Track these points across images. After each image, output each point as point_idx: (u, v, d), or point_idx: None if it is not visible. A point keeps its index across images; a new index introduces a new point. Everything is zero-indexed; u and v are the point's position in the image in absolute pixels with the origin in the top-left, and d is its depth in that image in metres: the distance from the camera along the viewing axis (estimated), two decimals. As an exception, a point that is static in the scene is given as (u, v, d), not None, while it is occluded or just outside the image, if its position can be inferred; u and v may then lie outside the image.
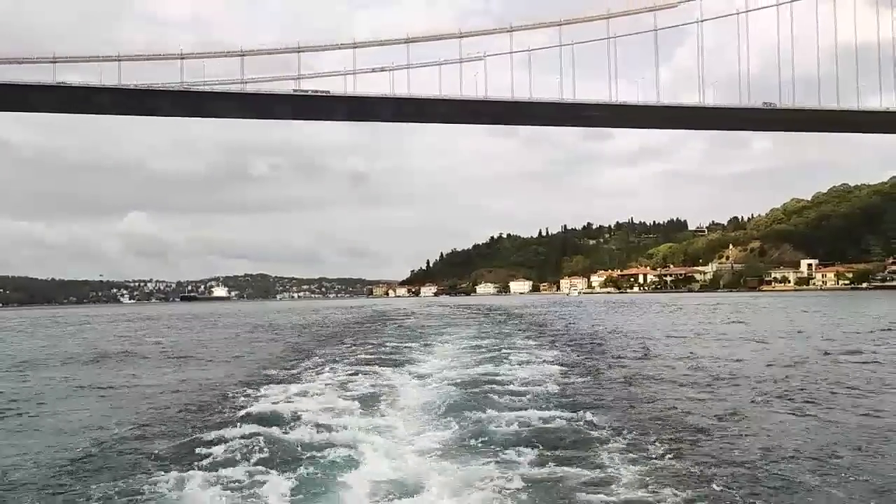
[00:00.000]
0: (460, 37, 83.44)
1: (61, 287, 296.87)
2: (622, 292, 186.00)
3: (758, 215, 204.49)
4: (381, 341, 23.24)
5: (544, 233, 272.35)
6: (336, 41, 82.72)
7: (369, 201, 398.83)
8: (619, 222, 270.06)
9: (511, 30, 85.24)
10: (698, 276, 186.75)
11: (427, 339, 23.83)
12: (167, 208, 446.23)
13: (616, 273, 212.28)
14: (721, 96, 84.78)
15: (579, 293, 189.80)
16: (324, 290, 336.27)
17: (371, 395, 11.10)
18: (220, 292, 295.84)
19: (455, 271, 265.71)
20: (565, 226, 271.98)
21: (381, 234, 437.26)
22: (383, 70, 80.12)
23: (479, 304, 77.74)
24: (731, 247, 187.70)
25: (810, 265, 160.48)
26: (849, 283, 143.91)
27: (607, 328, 30.06)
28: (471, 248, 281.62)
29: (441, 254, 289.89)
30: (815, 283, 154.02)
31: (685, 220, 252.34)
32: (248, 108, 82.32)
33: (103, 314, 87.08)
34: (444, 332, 27.12)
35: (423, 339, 23.44)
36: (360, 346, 21.62)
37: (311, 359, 17.70)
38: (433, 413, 9.69)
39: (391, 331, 29.93)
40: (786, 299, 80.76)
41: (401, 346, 21.01)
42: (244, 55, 78.58)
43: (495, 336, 24.44)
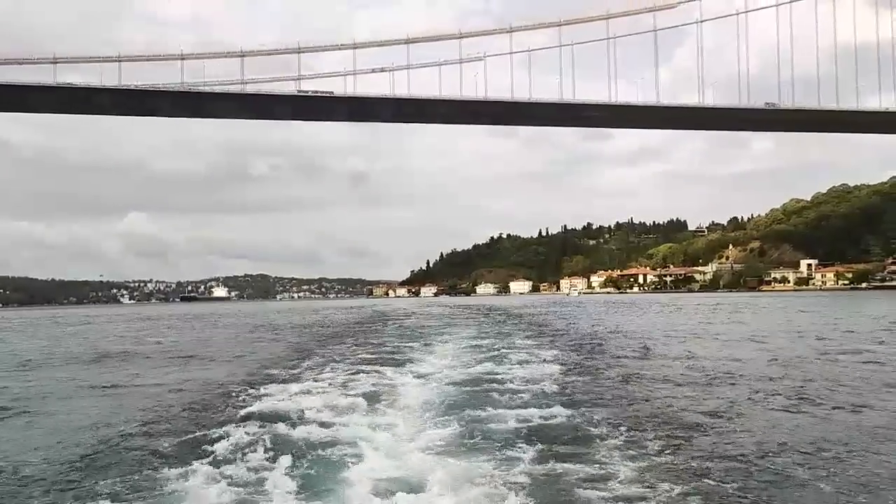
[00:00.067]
0: (460, 37, 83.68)
1: (61, 287, 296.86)
2: (622, 292, 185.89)
3: (757, 215, 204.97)
4: (382, 341, 23.33)
5: (544, 233, 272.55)
6: (336, 41, 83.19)
7: (369, 201, 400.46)
8: (619, 222, 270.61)
9: (511, 30, 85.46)
10: (698, 277, 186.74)
11: (427, 338, 23.89)
12: (167, 208, 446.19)
13: (616, 273, 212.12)
14: (721, 97, 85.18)
15: (579, 293, 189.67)
16: (324, 290, 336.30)
17: (372, 393, 11.19)
18: (220, 292, 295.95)
19: (455, 271, 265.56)
20: (565, 226, 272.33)
21: (381, 235, 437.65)
22: (383, 70, 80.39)
23: (479, 305, 77.77)
24: (731, 247, 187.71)
25: (810, 265, 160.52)
26: (848, 283, 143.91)
27: (607, 328, 30.14)
28: (471, 248, 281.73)
29: (441, 254, 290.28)
30: (814, 284, 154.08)
31: (685, 221, 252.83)
32: (248, 108, 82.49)
33: (103, 314, 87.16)
34: (445, 332, 27.20)
35: (423, 339, 23.49)
36: (360, 346, 21.70)
37: (313, 358, 17.77)
38: (434, 411, 9.80)
39: (392, 331, 30.01)
40: (785, 299, 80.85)
41: (401, 345, 21.08)
42: (244, 56, 78.79)
43: (495, 336, 24.51)
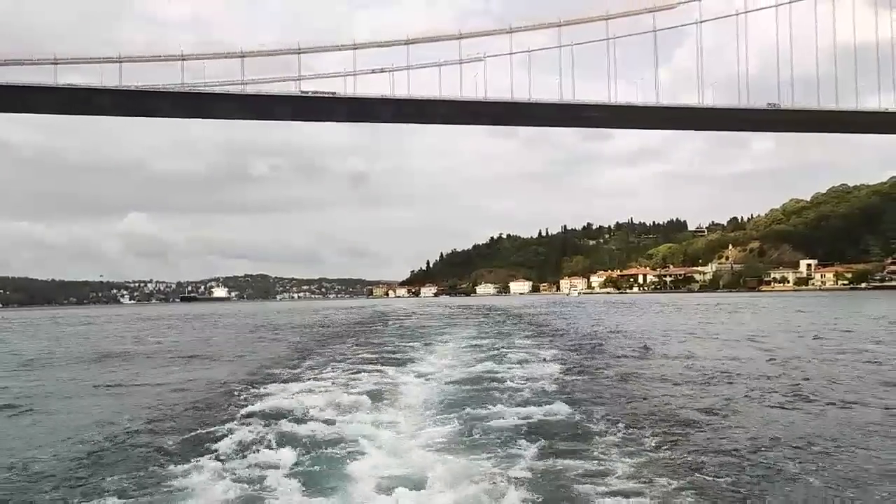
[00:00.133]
0: (460, 38, 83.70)
1: (61, 288, 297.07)
2: (622, 293, 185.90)
3: (757, 216, 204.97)
4: (383, 341, 23.45)
5: (544, 233, 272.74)
6: (336, 41, 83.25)
7: (369, 202, 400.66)
8: (618, 222, 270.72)
9: (511, 31, 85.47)
10: (698, 277, 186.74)
11: (428, 338, 23.98)
12: (167, 208, 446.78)
13: (616, 273, 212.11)
14: (720, 97, 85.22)
15: (579, 293, 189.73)
16: (324, 290, 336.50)
17: (374, 392, 11.28)
18: (220, 293, 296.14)
19: (455, 272, 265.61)
20: (565, 226, 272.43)
21: (381, 235, 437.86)
22: (383, 71, 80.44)
23: (479, 305, 77.85)
24: (731, 247, 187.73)
25: (809, 265, 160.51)
26: (848, 283, 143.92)
27: (606, 328, 30.22)
28: (471, 248, 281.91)
29: (441, 254, 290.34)
30: (814, 284, 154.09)
31: (685, 221, 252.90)
32: (248, 108, 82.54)
33: (103, 315, 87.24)
34: (445, 332, 27.31)
35: (423, 339, 23.58)
36: (361, 345, 21.80)
37: (314, 358, 17.87)
38: (435, 409, 9.91)
39: (392, 331, 30.11)
40: (785, 299, 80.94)
41: (402, 345, 21.18)
42: (244, 56, 78.83)
43: (495, 336, 24.61)
